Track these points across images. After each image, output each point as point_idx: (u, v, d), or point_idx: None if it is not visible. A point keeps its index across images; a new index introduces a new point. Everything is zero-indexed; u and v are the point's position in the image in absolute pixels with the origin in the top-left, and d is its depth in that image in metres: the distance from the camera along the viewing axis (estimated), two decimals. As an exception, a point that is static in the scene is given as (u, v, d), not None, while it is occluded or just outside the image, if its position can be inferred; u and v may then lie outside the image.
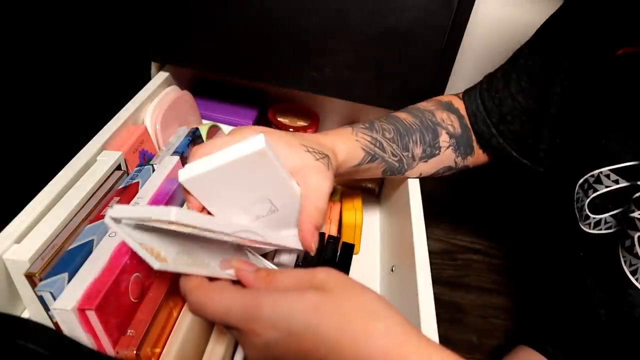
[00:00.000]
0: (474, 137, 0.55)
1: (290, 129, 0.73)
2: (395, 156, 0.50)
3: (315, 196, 0.37)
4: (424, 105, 0.55)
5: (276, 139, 0.38)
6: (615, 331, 0.43)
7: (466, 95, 0.56)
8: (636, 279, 0.38)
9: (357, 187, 0.69)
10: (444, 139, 0.53)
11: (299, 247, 0.39)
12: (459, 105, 0.56)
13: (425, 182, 0.57)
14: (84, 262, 0.37)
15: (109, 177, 0.49)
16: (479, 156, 0.56)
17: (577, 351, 0.54)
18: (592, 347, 0.49)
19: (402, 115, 0.53)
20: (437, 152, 0.53)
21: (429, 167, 0.54)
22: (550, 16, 0.49)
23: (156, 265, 0.30)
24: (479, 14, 0.71)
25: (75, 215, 0.44)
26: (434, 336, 0.39)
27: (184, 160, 0.51)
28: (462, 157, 0.55)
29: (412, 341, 0.27)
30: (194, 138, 0.55)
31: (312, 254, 0.37)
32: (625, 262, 0.39)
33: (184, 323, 0.40)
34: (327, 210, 0.39)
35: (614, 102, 0.42)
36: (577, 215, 0.45)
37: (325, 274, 0.30)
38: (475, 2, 0.58)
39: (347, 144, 0.45)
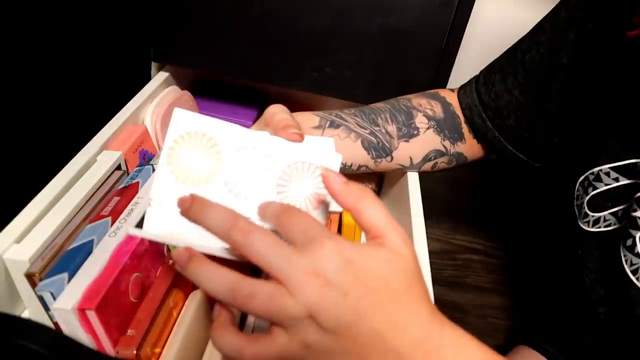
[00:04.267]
0: (463, 125, 0.55)
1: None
2: (364, 128, 0.50)
3: (275, 114, 0.39)
4: (404, 96, 0.56)
5: None
6: (615, 330, 0.43)
7: (461, 90, 0.56)
8: (637, 278, 0.38)
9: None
10: (420, 120, 0.53)
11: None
12: (448, 96, 0.56)
13: (425, 182, 0.57)
14: (84, 262, 0.37)
15: (109, 177, 0.49)
16: (474, 147, 0.56)
17: (576, 350, 0.54)
18: (591, 346, 0.49)
19: (371, 104, 0.54)
20: (415, 132, 0.52)
21: (415, 150, 0.53)
22: (550, 12, 0.49)
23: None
24: (479, 14, 0.71)
25: (76, 215, 0.44)
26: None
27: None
28: (451, 142, 0.54)
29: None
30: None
31: (298, 139, 0.36)
32: (626, 261, 0.39)
33: (184, 323, 0.40)
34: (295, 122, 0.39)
35: (615, 99, 0.42)
36: (577, 213, 0.45)
37: (399, 241, 0.29)
38: (475, 2, 0.58)
39: (298, 114, 0.48)
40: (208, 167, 0.35)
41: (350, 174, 0.52)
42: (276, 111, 0.40)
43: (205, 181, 0.34)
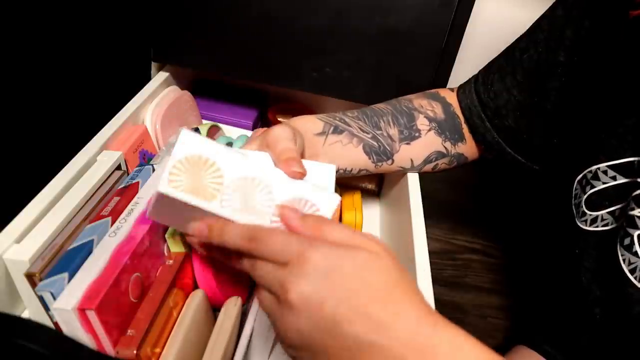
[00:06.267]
0: (464, 126, 0.55)
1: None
2: (366, 133, 0.50)
3: (278, 141, 0.39)
4: (405, 96, 0.56)
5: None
6: (612, 329, 0.43)
7: (460, 90, 0.56)
8: (635, 277, 0.38)
9: (357, 187, 0.69)
10: (421, 122, 0.53)
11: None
12: (448, 96, 0.56)
13: (425, 182, 0.57)
14: (84, 262, 0.38)
15: (109, 177, 0.49)
16: (474, 148, 0.56)
17: (574, 351, 0.54)
18: (589, 347, 0.49)
19: (374, 105, 0.54)
20: (417, 134, 0.52)
21: (416, 152, 0.53)
22: (547, 10, 0.49)
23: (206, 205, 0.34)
24: (479, 14, 0.71)
25: (76, 215, 0.44)
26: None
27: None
28: (452, 143, 0.54)
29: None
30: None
31: (298, 177, 0.37)
32: (624, 260, 0.39)
33: (184, 323, 0.40)
34: (298, 149, 0.39)
35: (613, 96, 0.42)
36: (574, 212, 0.45)
37: (375, 245, 0.29)
38: (475, 2, 0.58)
39: (303, 119, 0.48)
40: (208, 192, 0.35)
41: (350, 176, 0.53)
42: (279, 138, 0.39)
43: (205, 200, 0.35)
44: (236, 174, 0.35)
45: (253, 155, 0.38)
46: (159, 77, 0.66)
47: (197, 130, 0.60)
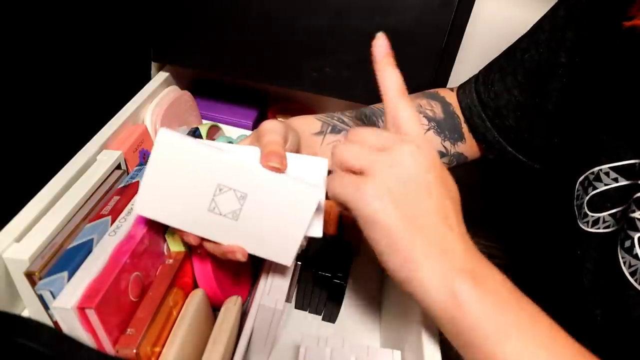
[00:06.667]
0: (463, 125, 0.55)
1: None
2: None
3: (266, 133, 0.38)
4: None
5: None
6: (612, 332, 0.43)
7: (460, 89, 0.56)
8: (635, 280, 0.38)
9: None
10: (420, 121, 0.53)
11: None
12: (448, 96, 0.56)
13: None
14: (83, 261, 0.38)
15: (109, 176, 0.49)
16: (474, 147, 0.56)
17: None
18: (590, 348, 0.49)
19: (373, 105, 0.54)
20: None
21: None
22: (549, 10, 0.49)
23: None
24: (479, 14, 0.71)
25: (75, 214, 0.44)
26: (435, 337, 0.39)
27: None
28: (452, 143, 0.54)
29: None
30: (194, 138, 0.55)
31: (275, 171, 0.35)
32: (624, 263, 0.39)
33: (184, 322, 0.40)
34: (289, 145, 0.39)
35: (614, 97, 0.42)
36: (576, 213, 0.45)
37: None
38: (476, 2, 0.59)
39: (301, 119, 0.49)
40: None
41: None
42: (267, 130, 0.38)
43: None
44: (215, 182, 0.35)
45: (242, 150, 0.38)
46: (159, 77, 0.66)
47: (197, 130, 0.60)
